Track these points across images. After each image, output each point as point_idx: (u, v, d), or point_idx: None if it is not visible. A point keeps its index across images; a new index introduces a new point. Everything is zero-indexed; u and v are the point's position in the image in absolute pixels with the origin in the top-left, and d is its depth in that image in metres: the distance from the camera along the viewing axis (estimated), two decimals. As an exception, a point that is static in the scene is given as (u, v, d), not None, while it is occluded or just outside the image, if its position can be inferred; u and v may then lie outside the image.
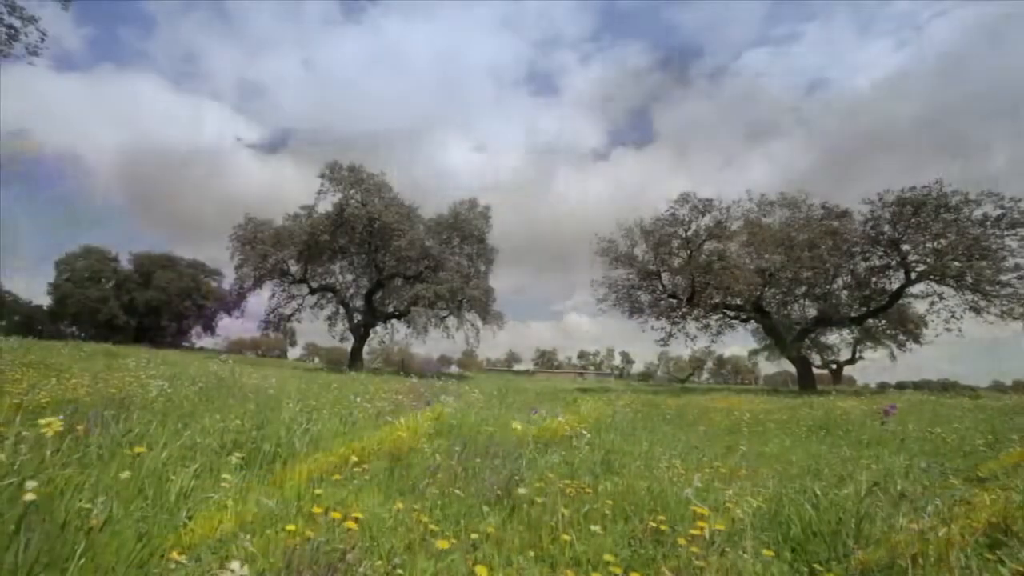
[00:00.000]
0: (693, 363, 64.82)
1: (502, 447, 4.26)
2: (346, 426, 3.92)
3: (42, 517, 1.40)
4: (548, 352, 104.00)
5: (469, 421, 5.36)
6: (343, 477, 2.33)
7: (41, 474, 1.86)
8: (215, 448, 2.99)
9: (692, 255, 29.01)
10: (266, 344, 76.40)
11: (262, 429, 3.56)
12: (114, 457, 2.31)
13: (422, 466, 3.25)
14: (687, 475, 3.16)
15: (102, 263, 61.54)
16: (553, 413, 5.73)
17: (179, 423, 3.79)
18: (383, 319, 33.54)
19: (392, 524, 1.99)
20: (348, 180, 28.61)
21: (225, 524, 1.72)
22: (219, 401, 6.37)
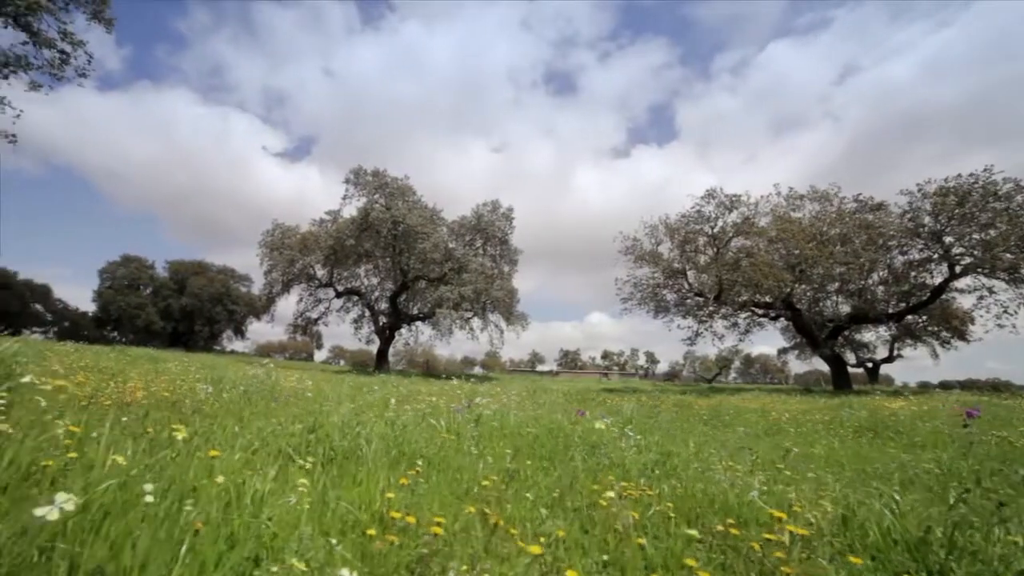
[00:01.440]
0: (720, 362, 63.42)
1: (546, 448, 4.26)
2: (394, 429, 3.98)
3: (151, 518, 1.47)
4: (571, 352, 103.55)
5: (510, 423, 5.37)
6: (410, 481, 2.36)
7: (158, 477, 1.95)
8: (275, 451, 3.08)
9: (719, 252, 28.42)
10: (293, 347, 78.31)
11: (315, 432, 3.64)
12: (192, 459, 2.40)
13: (472, 469, 3.27)
14: (745, 476, 3.09)
15: (140, 271, 64.28)
16: (597, 414, 5.69)
17: (233, 426, 3.92)
18: (408, 321, 33.96)
19: (463, 527, 2.01)
20: (372, 184, 29.11)
21: (304, 528, 1.77)
22: (262, 404, 6.56)
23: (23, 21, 14.38)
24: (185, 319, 63.32)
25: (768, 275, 24.40)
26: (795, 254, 25.56)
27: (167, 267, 65.68)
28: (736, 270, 26.18)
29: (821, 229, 25.63)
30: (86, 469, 2.06)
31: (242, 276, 65.34)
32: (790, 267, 25.85)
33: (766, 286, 24.74)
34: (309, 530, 1.77)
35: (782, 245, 26.41)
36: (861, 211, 24.99)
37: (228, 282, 64.47)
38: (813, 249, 24.56)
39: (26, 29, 15.21)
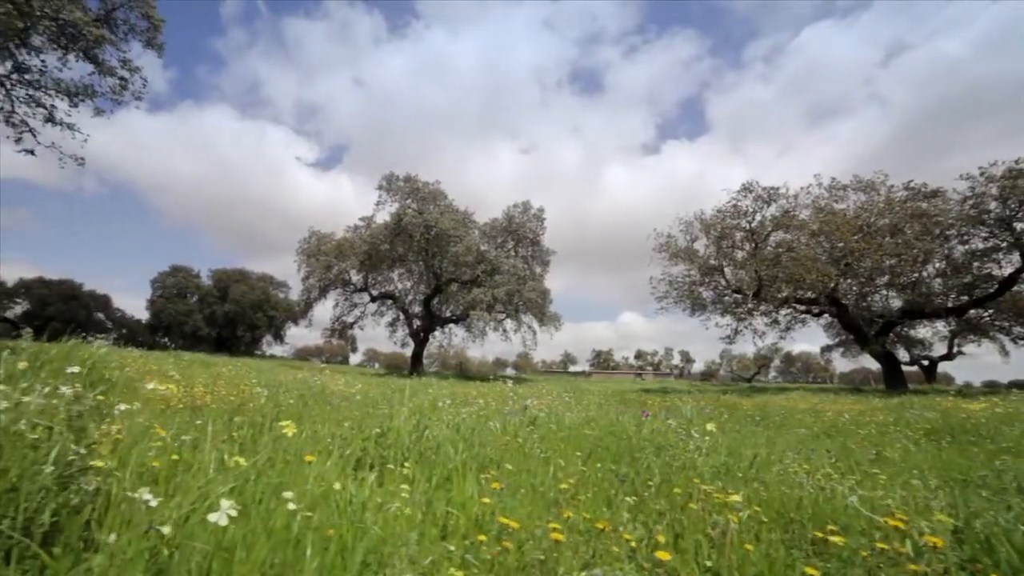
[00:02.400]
0: (758, 361, 61.20)
1: (611, 450, 4.20)
2: (458, 432, 4.01)
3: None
4: (604, 353, 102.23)
5: (565, 424, 5.34)
6: (503, 486, 2.37)
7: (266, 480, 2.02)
8: (355, 456, 3.15)
9: (757, 247, 27.52)
10: (329, 351, 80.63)
11: (384, 436, 3.71)
12: (278, 464, 2.47)
13: (543, 472, 3.26)
14: (827, 480, 2.95)
15: (187, 280, 67.66)
16: (659, 415, 5.59)
17: (305, 429, 4.03)
18: (441, 324, 34.40)
19: (566, 531, 2.00)
20: (404, 190, 29.67)
21: (409, 533, 1.79)
22: (318, 408, 6.76)
23: (91, 54, 15.35)
24: (228, 325, 66.20)
25: (811, 270, 23.42)
26: (839, 247, 24.42)
27: (211, 275, 68.82)
28: (776, 265, 25.26)
29: (868, 220, 24.38)
30: (198, 472, 2.15)
31: (280, 283, 67.79)
32: (834, 261, 24.72)
33: (808, 281, 23.73)
34: (415, 535, 1.79)
35: (825, 238, 25.30)
36: (913, 199, 23.58)
37: (267, 289, 66.98)
38: (859, 241, 23.40)
39: (93, 61, 16.22)
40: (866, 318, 25.89)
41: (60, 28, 13.98)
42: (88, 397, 2.43)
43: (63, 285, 64.56)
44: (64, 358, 5.13)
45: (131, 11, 17.16)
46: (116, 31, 16.71)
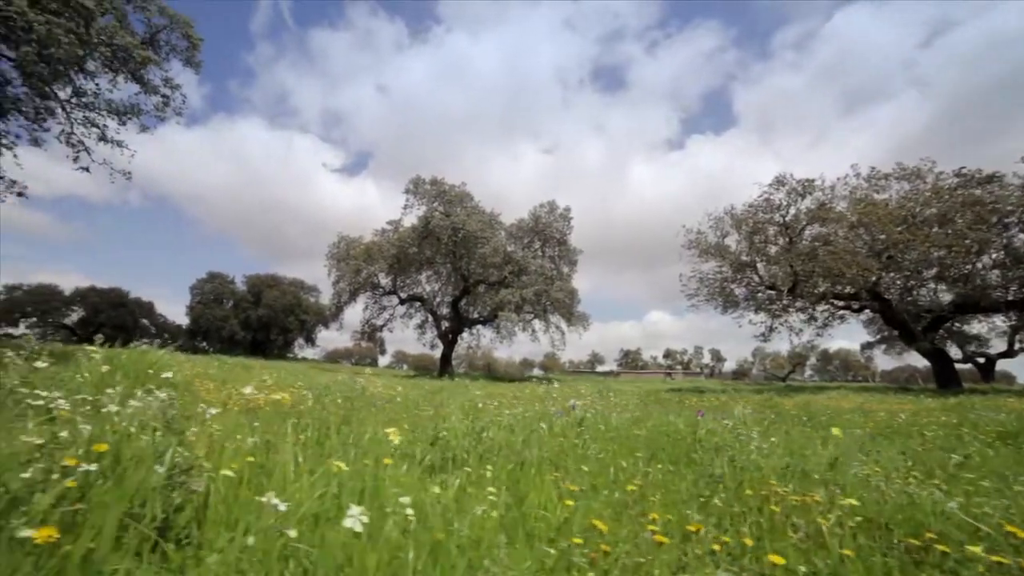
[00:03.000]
0: (793, 359, 59.14)
1: (667, 451, 4.13)
2: (513, 433, 4.02)
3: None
4: (632, 352, 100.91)
5: (612, 425, 5.29)
6: (580, 489, 2.36)
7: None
8: (422, 458, 3.20)
9: (792, 242, 26.65)
10: (359, 353, 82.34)
11: (439, 440, 3.75)
12: (355, 467, 2.52)
13: (604, 474, 3.23)
14: (906, 484, 2.81)
15: (223, 286, 70.33)
16: (711, 416, 5.47)
17: (367, 432, 4.11)
18: (469, 325, 34.64)
19: (634, 532, 1.97)
20: (431, 193, 30.04)
21: (497, 537, 1.79)
22: (364, 410, 6.88)
23: (138, 74, 16.12)
24: (262, 329, 68.43)
25: (850, 264, 22.48)
26: (881, 239, 23.36)
27: (245, 281, 71.33)
28: (812, 260, 24.37)
29: (913, 210, 23.22)
30: (280, 477, 2.22)
31: (311, 287, 69.65)
32: (875, 254, 23.66)
33: (848, 276, 22.78)
34: (503, 538, 1.79)
35: (865, 230, 24.24)
36: (966, 186, 22.20)
37: (298, 293, 68.89)
38: (903, 233, 22.32)
39: (139, 81, 17.02)
40: (912, 313, 24.66)
41: (113, 53, 14.74)
42: (175, 401, 2.55)
43: (112, 293, 68.14)
44: (135, 363, 5.39)
45: (172, 32, 18.00)
46: (159, 52, 17.54)
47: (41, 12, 12.61)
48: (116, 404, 2.12)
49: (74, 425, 2.33)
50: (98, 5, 14.69)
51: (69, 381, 4.75)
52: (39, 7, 12.74)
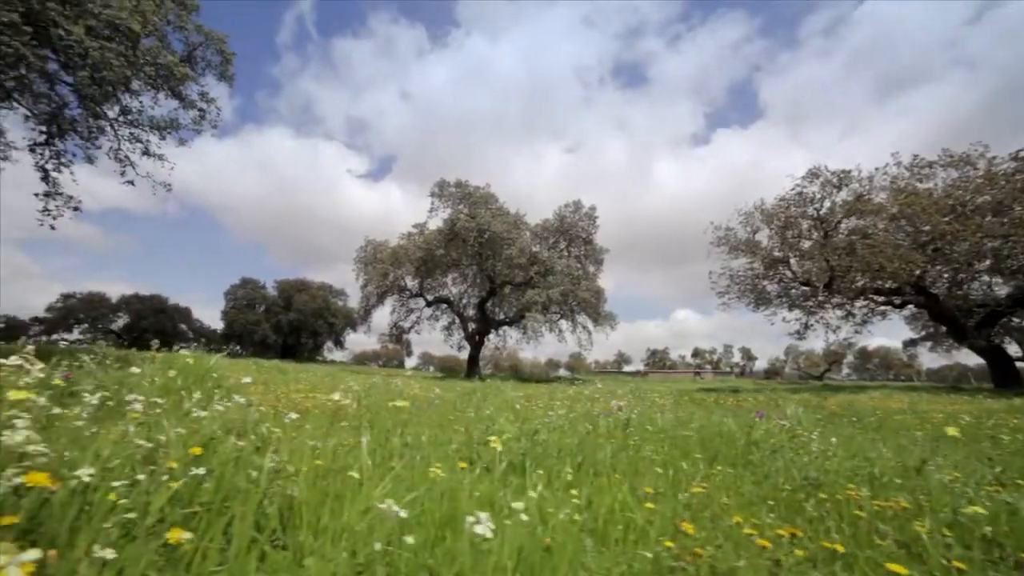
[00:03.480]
0: (829, 357, 56.93)
1: (723, 452, 4.06)
2: (571, 438, 4.02)
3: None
4: (659, 352, 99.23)
5: (658, 425, 5.22)
6: (653, 491, 2.35)
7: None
8: (481, 461, 3.23)
9: (827, 236, 25.74)
10: (386, 355, 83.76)
11: (488, 444, 3.78)
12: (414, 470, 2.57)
13: (665, 476, 3.19)
14: (995, 492, 2.68)
15: (255, 291, 72.68)
16: (769, 416, 5.35)
17: (424, 433, 4.19)
18: (496, 326, 34.78)
19: (723, 534, 1.95)
20: (456, 195, 30.33)
21: (584, 541, 1.79)
22: (407, 413, 6.99)
23: (177, 90, 16.84)
24: (293, 332, 70.39)
25: (892, 257, 21.54)
26: (925, 231, 22.30)
27: (276, 286, 73.52)
28: (850, 254, 23.46)
29: (962, 199, 22.05)
30: (359, 481, 2.28)
31: (338, 291, 71.21)
32: (919, 246, 22.58)
33: (890, 270, 21.82)
34: (590, 542, 1.79)
35: (907, 221, 23.18)
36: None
37: (327, 297, 70.53)
38: (951, 223, 21.23)
39: (178, 97, 17.77)
40: (963, 308, 23.43)
41: (156, 71, 15.45)
42: (253, 404, 2.67)
43: (154, 300, 71.38)
44: (192, 367, 5.63)
45: (207, 49, 18.76)
46: (196, 68, 18.29)
47: (95, 38, 13.35)
48: (198, 407, 2.22)
49: (163, 428, 2.46)
50: (143, 28, 15.45)
51: (136, 385, 5.00)
52: (93, 33, 13.49)
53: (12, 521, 1.34)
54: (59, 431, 2.24)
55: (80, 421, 2.16)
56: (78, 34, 12.86)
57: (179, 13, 17.77)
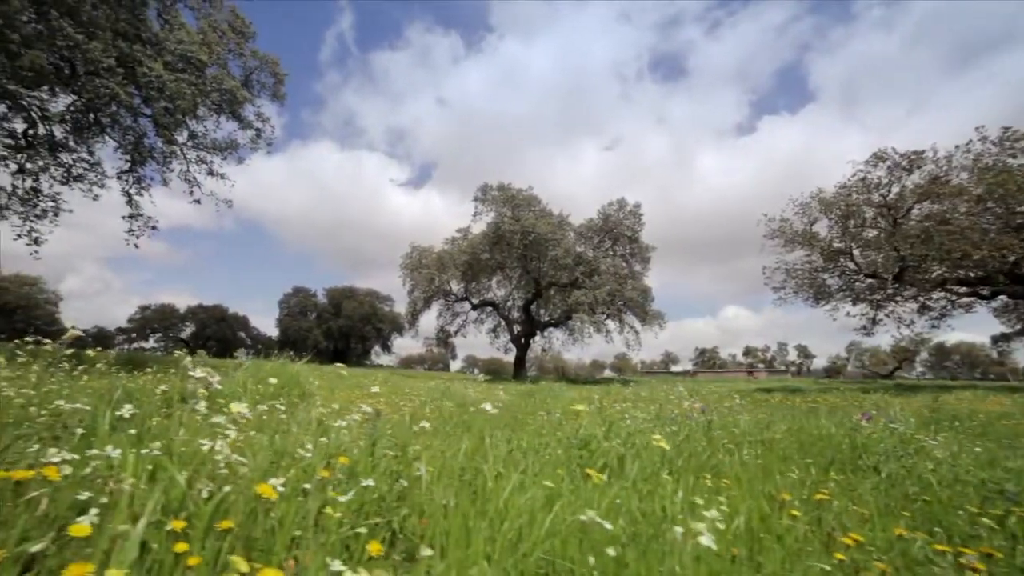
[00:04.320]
0: (899, 354, 52.41)
1: (825, 457, 3.84)
2: (671, 443, 3.93)
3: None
4: (708, 350, 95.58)
5: (741, 427, 5.02)
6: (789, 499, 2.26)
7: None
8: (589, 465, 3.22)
9: (897, 223, 23.91)
10: (431, 358, 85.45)
11: (588, 446, 3.75)
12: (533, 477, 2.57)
13: (772, 481, 3.05)
14: None
15: (306, 299, 76.21)
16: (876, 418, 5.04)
17: (513, 440, 4.21)
18: (541, 328, 34.74)
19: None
20: (499, 199, 30.57)
21: (740, 552, 1.73)
22: (481, 418, 7.05)
23: (236, 113, 17.97)
24: (343, 338, 73.24)
25: (979, 244, 19.70)
26: (1020, 212, 20.22)
27: (325, 294, 76.76)
28: (925, 242, 21.65)
29: (1066, 175, 19.84)
30: (492, 488, 2.31)
31: (385, 297, 73.42)
32: (1012, 230, 20.51)
33: (977, 257, 19.97)
34: (746, 552, 1.73)
35: (996, 203, 21.09)
36: None
37: (374, 303, 72.86)
38: (1052, 202, 19.14)
39: (237, 119, 18.92)
40: (1064, 298, 21.13)
41: (221, 96, 16.58)
42: (380, 414, 2.79)
43: (215, 310, 76.34)
44: (278, 374, 5.93)
45: (262, 71, 19.89)
46: (252, 90, 19.46)
47: (171, 71, 14.51)
48: (325, 417, 2.32)
49: (293, 436, 2.60)
50: (210, 57, 16.62)
51: (231, 393, 5.33)
52: (168, 68, 14.68)
53: (227, 526, 1.45)
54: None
55: (230, 430, 2.31)
56: (158, 70, 14.01)
57: (238, 41, 18.96)
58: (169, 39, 15.38)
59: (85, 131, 15.96)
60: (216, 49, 17.61)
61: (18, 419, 2.09)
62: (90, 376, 4.38)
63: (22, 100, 13.36)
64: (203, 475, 1.37)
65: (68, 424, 2.11)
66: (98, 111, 15.27)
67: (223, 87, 16.73)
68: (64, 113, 14.97)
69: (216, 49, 17.61)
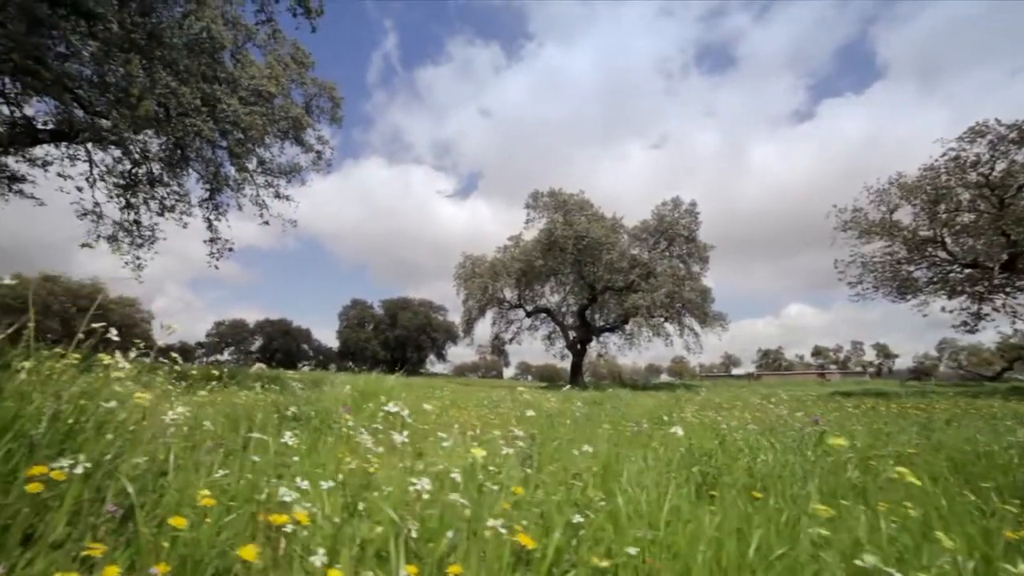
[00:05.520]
0: (1009, 353, 45.90)
1: (992, 481, 3.33)
2: (791, 456, 3.59)
3: None
4: (772, 351, 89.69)
5: (866, 442, 4.51)
6: None
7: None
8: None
9: (1004, 204, 21.33)
10: (484, 366, 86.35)
11: (711, 459, 3.49)
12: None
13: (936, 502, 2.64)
14: None
15: (364, 311, 79.40)
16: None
17: (623, 455, 4.01)
18: (597, 333, 34.07)
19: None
20: (551, 205, 30.43)
21: None
22: (567, 427, 6.88)
23: (299, 138, 19.05)
24: (399, 347, 75.58)
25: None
26: None
27: (382, 305, 79.67)
28: (1046, 222, 19.15)
29: None
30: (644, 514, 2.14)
31: (438, 306, 75.13)
32: None
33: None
34: None
35: None
36: None
37: (428, 313, 74.71)
38: None
39: (299, 143, 20.01)
40: None
41: (289, 123, 17.66)
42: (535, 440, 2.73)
43: (280, 324, 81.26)
44: (377, 389, 6.06)
45: (321, 97, 20.99)
46: (312, 115, 20.58)
47: (245, 105, 15.65)
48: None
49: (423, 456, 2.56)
50: (277, 89, 17.76)
51: (332, 406, 5.47)
52: (242, 101, 15.85)
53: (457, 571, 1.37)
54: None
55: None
56: (235, 105, 15.15)
57: (299, 71, 20.15)
58: (242, 76, 16.59)
59: (175, 166, 17.49)
60: (281, 80, 18.81)
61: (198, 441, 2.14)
62: (212, 391, 4.62)
63: (131, 144, 14.88)
64: (409, 514, 1.30)
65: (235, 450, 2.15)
66: (186, 147, 16.68)
67: (290, 115, 17.82)
68: (159, 152, 16.51)
69: (281, 80, 18.81)
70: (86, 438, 1.40)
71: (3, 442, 1.26)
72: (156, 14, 12.45)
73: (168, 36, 12.14)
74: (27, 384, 1.50)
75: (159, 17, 12.66)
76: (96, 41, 11.32)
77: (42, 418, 1.37)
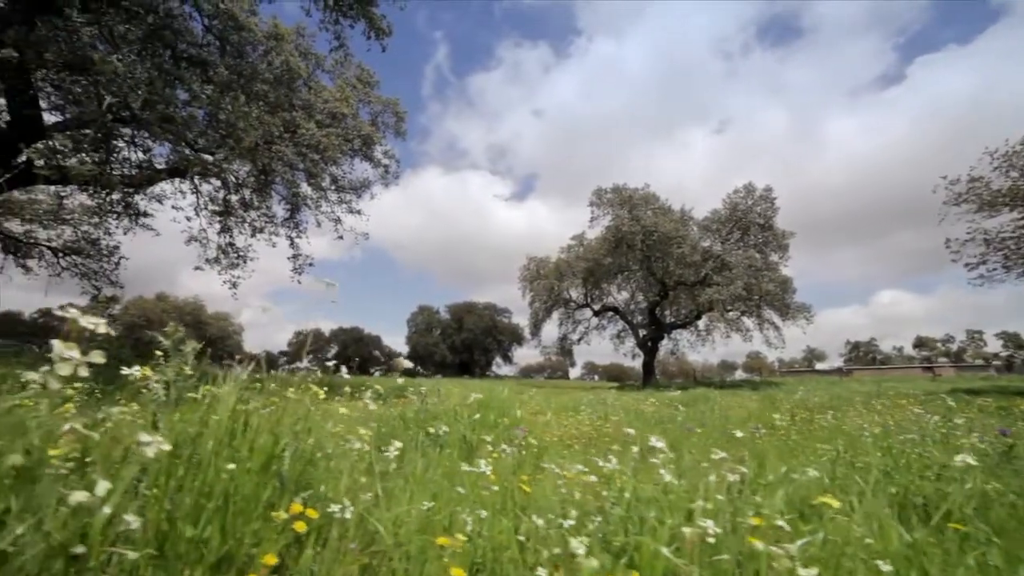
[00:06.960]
0: None
1: None
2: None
3: None
4: (862, 344, 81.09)
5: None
6: None
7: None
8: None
9: None
10: (549, 367, 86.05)
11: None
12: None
13: None
14: None
15: (431, 316, 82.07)
16: None
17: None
18: (667, 330, 32.64)
19: None
20: (615, 201, 29.55)
21: None
22: (676, 431, 6.47)
23: (368, 154, 19.95)
24: (466, 351, 77.26)
25: None
26: None
27: (447, 310, 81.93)
28: None
29: None
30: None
31: (503, 309, 76.01)
32: None
33: None
34: None
35: None
36: None
37: (493, 316, 75.77)
38: None
39: (368, 159, 20.94)
40: None
41: (362, 141, 18.60)
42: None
43: (353, 331, 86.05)
44: (488, 400, 5.95)
45: (386, 113, 21.86)
46: (379, 131, 21.47)
47: (321, 128, 16.68)
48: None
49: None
50: (348, 108, 18.74)
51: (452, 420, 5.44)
52: (318, 124, 16.91)
53: None
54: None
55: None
56: (312, 128, 16.18)
57: (365, 91, 21.12)
58: (317, 100, 17.69)
59: (262, 190, 18.99)
60: (351, 101, 19.83)
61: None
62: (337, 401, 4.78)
63: (228, 175, 16.42)
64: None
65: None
66: (270, 172, 18.07)
67: (361, 133, 18.74)
68: (246, 177, 18.03)
69: (351, 101, 19.83)
70: (317, 475, 1.45)
71: (267, 478, 1.30)
72: (247, 55, 13.65)
73: (261, 73, 13.26)
74: (264, 420, 1.54)
75: (249, 57, 13.86)
76: (211, 85, 12.61)
77: (284, 454, 1.41)
